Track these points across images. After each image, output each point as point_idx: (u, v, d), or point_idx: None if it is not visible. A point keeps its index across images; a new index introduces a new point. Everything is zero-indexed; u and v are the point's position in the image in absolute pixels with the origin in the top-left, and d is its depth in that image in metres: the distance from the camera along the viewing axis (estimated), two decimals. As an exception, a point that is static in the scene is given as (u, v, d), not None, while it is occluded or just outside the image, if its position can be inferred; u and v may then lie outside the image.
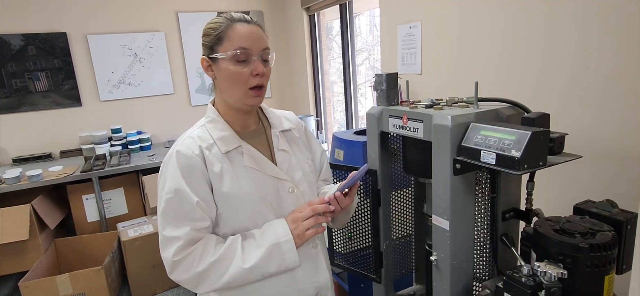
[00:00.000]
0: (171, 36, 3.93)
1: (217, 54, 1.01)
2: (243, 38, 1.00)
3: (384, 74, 1.31)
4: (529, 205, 1.19)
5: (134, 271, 2.83)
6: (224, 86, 1.04)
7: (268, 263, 1.02)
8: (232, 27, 1.00)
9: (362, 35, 4.28)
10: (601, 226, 1.00)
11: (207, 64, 1.04)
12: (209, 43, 1.02)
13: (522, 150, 0.90)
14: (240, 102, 1.05)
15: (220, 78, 1.04)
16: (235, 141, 1.06)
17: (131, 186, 3.32)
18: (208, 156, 1.02)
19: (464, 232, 1.15)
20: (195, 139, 1.03)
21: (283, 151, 1.14)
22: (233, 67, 1.00)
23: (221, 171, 1.02)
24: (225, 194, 1.02)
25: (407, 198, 1.58)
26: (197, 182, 1.00)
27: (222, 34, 1.00)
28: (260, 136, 1.14)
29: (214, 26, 1.02)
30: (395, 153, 1.50)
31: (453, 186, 1.09)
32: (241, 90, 1.02)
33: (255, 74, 1.01)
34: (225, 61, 1.00)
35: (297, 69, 4.33)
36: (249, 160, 1.05)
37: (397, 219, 1.57)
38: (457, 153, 1.06)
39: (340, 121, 4.29)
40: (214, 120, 1.07)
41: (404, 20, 2.43)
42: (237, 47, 0.99)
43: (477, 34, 1.90)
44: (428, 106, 1.22)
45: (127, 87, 3.82)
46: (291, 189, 1.10)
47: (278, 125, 1.18)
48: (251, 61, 1.01)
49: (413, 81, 2.37)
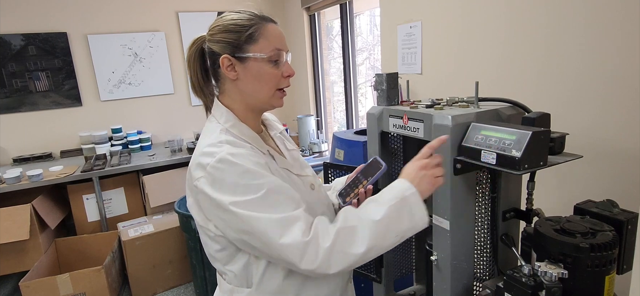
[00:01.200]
0: (171, 36, 3.93)
1: (250, 53, 0.95)
2: (278, 38, 0.97)
3: (384, 74, 1.31)
4: (529, 205, 1.19)
5: (134, 271, 2.83)
6: (251, 87, 0.98)
7: (399, 219, 0.91)
8: (266, 27, 0.96)
9: (362, 35, 4.28)
10: (602, 226, 1.00)
11: (229, 63, 0.96)
12: (235, 41, 0.94)
13: (522, 150, 0.90)
14: (266, 103, 1.01)
15: (248, 78, 0.97)
16: (264, 144, 1.02)
17: (131, 186, 3.33)
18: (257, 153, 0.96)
19: (464, 232, 1.15)
20: (233, 142, 0.94)
21: (291, 150, 1.13)
22: (268, 68, 0.96)
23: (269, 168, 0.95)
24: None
25: None
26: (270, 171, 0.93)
27: (255, 33, 0.95)
28: (268, 139, 1.12)
29: (243, 23, 0.95)
30: (395, 153, 1.50)
31: (453, 186, 1.09)
32: (271, 91, 0.99)
33: (286, 76, 1.00)
34: (258, 61, 0.95)
35: (297, 68, 4.33)
36: (281, 161, 1.03)
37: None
38: (458, 152, 1.06)
39: (340, 120, 4.29)
40: (236, 125, 0.99)
41: (404, 20, 2.43)
42: (274, 48, 0.96)
43: (477, 33, 1.90)
44: (428, 105, 1.22)
45: (128, 87, 3.82)
46: (312, 185, 1.09)
47: (274, 127, 1.17)
48: (282, 62, 0.98)
49: (413, 80, 2.37)
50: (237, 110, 1.01)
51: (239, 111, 1.01)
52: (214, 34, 0.98)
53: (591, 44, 1.40)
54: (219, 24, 0.98)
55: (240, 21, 0.96)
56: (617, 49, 1.33)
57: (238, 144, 0.93)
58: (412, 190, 0.94)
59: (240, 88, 0.99)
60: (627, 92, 1.31)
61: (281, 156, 1.06)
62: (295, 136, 4.08)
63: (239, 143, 0.94)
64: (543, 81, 1.60)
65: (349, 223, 0.90)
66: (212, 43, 0.98)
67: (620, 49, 1.32)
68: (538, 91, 1.62)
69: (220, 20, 1.00)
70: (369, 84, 2.96)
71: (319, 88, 4.08)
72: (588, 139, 1.43)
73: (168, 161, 3.28)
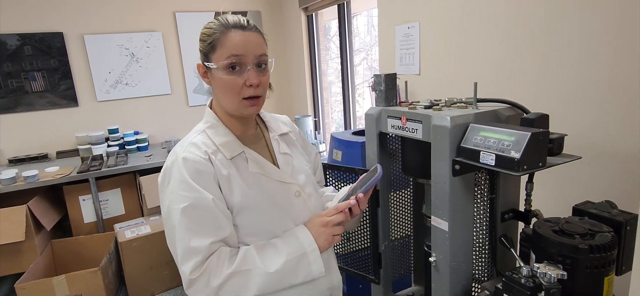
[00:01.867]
0: (168, 36, 3.91)
1: (210, 63, 0.98)
2: (236, 46, 0.95)
3: (383, 75, 1.31)
4: (528, 206, 1.19)
5: (131, 273, 2.81)
6: (220, 95, 1.02)
7: (295, 273, 0.98)
8: (226, 35, 0.96)
9: (360, 36, 4.28)
10: (600, 227, 1.00)
11: (203, 71, 1.02)
12: (204, 50, 0.99)
13: (521, 151, 0.89)
14: (235, 111, 1.02)
15: (216, 86, 1.01)
16: (239, 147, 1.03)
17: (128, 187, 3.31)
18: (215, 161, 0.98)
19: (463, 233, 1.15)
20: (199, 144, 0.99)
21: (285, 154, 1.12)
22: (226, 77, 0.96)
23: (229, 177, 0.98)
24: (237, 203, 0.99)
25: (406, 199, 1.58)
26: (211, 186, 0.95)
27: (215, 42, 0.96)
28: (259, 140, 1.12)
29: (208, 32, 0.98)
30: (393, 154, 1.50)
31: (452, 187, 1.08)
32: (235, 100, 0.99)
33: (248, 85, 0.97)
34: (218, 70, 0.97)
35: (294, 69, 4.32)
36: (254, 166, 1.03)
37: (395, 220, 1.57)
38: (456, 153, 1.06)
39: (338, 121, 4.29)
40: (214, 125, 1.04)
41: (402, 20, 2.43)
42: (228, 56, 0.95)
43: (475, 34, 1.90)
44: (427, 106, 1.22)
45: (124, 87, 3.80)
46: (297, 193, 1.08)
47: (276, 129, 1.17)
48: (245, 70, 0.97)
49: (411, 81, 2.37)
50: (220, 113, 1.06)
51: (221, 114, 1.06)
52: (198, 43, 1.03)
53: (589, 45, 1.40)
54: (201, 31, 1.02)
55: (207, 30, 1.00)
56: (615, 50, 1.33)
57: (201, 147, 0.98)
58: (314, 247, 1.00)
59: (215, 94, 1.04)
60: (626, 93, 1.31)
61: (259, 162, 1.04)
62: (293, 136, 4.08)
63: (205, 145, 0.99)
64: (541, 82, 1.60)
65: (244, 266, 0.95)
66: (199, 51, 1.03)
67: (618, 50, 1.32)
68: (537, 91, 1.62)
69: (204, 26, 1.03)
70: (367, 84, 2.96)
71: (317, 89, 4.08)
72: (587, 140, 1.43)
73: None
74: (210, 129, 1.04)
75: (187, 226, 0.92)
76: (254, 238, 1.02)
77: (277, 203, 1.04)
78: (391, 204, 1.53)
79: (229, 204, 0.99)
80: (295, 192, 1.08)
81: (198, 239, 0.92)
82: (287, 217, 1.05)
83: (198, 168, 0.95)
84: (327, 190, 1.30)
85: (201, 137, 1.02)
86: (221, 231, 0.95)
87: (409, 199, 1.57)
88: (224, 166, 0.99)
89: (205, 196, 0.93)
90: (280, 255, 0.98)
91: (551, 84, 1.56)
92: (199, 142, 1.00)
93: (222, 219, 0.96)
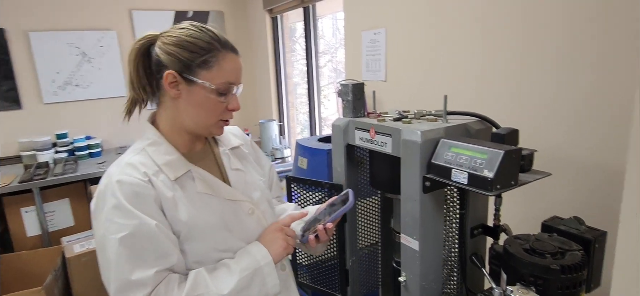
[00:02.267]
0: (124, 35, 3.69)
1: (199, 79, 0.87)
2: (234, 72, 0.91)
3: (350, 84, 1.25)
4: (497, 221, 1.16)
5: (80, 291, 2.60)
6: (192, 112, 0.91)
7: (249, 289, 0.91)
8: (224, 56, 0.89)
9: (325, 38, 4.24)
10: (570, 245, 0.98)
11: (174, 80, 0.88)
12: (187, 60, 0.87)
13: (495, 170, 0.86)
14: (205, 130, 0.95)
15: (190, 102, 0.90)
16: (184, 166, 0.93)
17: (78, 197, 3.07)
18: (156, 183, 0.87)
19: (433, 251, 1.10)
20: (136, 165, 0.88)
21: (236, 170, 1.04)
22: (214, 98, 0.89)
23: (174, 199, 0.88)
24: (184, 227, 0.89)
25: (374, 207, 1.52)
26: (152, 210, 0.85)
27: (211, 59, 0.88)
28: (207, 156, 1.03)
29: (202, 45, 0.88)
30: (361, 161, 1.44)
31: (423, 205, 1.04)
32: (212, 121, 0.92)
33: (231, 109, 0.93)
34: (206, 89, 0.88)
35: (259, 72, 4.21)
36: (202, 185, 0.94)
37: (363, 230, 1.51)
38: (427, 170, 1.02)
39: (303, 122, 4.22)
40: (156, 142, 0.93)
41: (368, 26, 2.39)
42: (226, 81, 0.89)
43: (442, 43, 1.89)
44: (396, 119, 1.17)
45: (75, 88, 3.54)
46: (251, 211, 1.00)
47: (226, 142, 1.08)
48: (230, 95, 0.92)
49: (378, 88, 2.33)
50: (165, 127, 0.95)
51: (166, 129, 0.95)
52: (167, 44, 0.89)
53: (559, 59, 1.41)
54: (175, 35, 0.89)
55: (198, 42, 0.88)
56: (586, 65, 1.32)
57: (139, 168, 0.87)
58: (268, 259, 0.94)
59: (179, 108, 0.92)
60: (596, 109, 1.31)
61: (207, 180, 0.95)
62: (258, 141, 3.96)
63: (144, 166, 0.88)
64: (509, 94, 1.60)
65: (195, 292, 0.87)
66: (162, 52, 0.89)
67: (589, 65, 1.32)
68: (504, 103, 1.61)
69: (178, 30, 0.90)
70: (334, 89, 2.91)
71: (282, 92, 3.99)
72: (553, 154, 1.44)
73: (120, 169, 3.06)
74: (151, 147, 0.93)
75: (128, 258, 0.81)
76: (203, 264, 0.92)
77: (228, 224, 0.95)
78: (358, 213, 1.47)
79: (174, 230, 0.89)
80: (249, 210, 1.00)
81: (141, 271, 0.81)
82: (239, 238, 0.97)
83: (136, 191, 0.84)
84: (288, 207, 1.22)
85: (140, 157, 0.91)
86: (167, 259, 0.85)
87: (377, 207, 1.52)
88: (168, 187, 0.89)
89: (148, 222, 0.83)
90: (233, 274, 0.90)
91: (519, 96, 1.56)
92: (137, 162, 0.89)
93: (167, 246, 0.86)
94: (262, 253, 0.95)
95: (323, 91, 3.78)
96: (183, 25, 0.91)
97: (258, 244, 0.98)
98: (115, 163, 0.91)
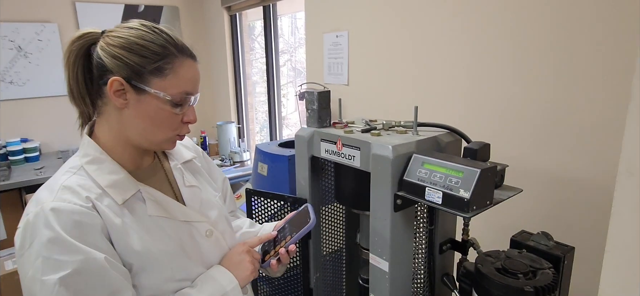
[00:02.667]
0: (66, 29, 3.39)
1: (151, 88, 0.75)
2: (191, 81, 0.80)
3: (316, 93, 1.17)
4: (465, 236, 1.13)
5: (13, 312, 2.34)
6: (141, 125, 0.79)
7: None
8: (181, 62, 0.78)
9: (284, 36, 4.15)
10: (541, 263, 0.96)
11: (120, 88, 0.75)
12: (137, 66, 0.75)
13: (471, 190, 0.81)
14: (156, 145, 0.83)
15: (139, 113, 0.78)
16: (132, 186, 0.81)
17: (12, 207, 2.78)
18: (101, 209, 0.75)
19: (403, 271, 1.05)
20: (75, 188, 0.74)
21: (191, 187, 0.92)
22: (168, 109, 0.78)
23: (123, 226, 0.77)
24: (136, 257, 0.77)
25: (338, 214, 1.44)
26: (99, 241, 0.73)
27: (166, 66, 0.76)
28: (157, 172, 0.90)
29: (153, 48, 0.76)
30: (324, 167, 1.36)
31: (393, 224, 0.98)
32: (165, 135, 0.81)
33: (186, 121, 0.83)
34: (159, 100, 0.76)
35: (216, 72, 4.03)
36: (153, 207, 0.82)
37: (327, 235, 1.43)
38: (398, 187, 0.96)
39: (262, 122, 4.10)
40: (98, 159, 0.80)
41: (330, 28, 2.33)
42: (182, 91, 0.78)
43: (406, 48, 1.86)
44: (364, 130, 1.11)
45: (9, 86, 3.21)
46: (209, 232, 0.90)
47: (177, 156, 0.96)
48: (186, 106, 0.81)
49: (340, 91, 2.28)
50: (107, 142, 0.82)
51: (109, 143, 0.82)
52: (112, 45, 0.76)
53: (522, 69, 1.40)
54: (123, 36, 0.76)
55: (151, 45, 0.76)
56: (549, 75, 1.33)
57: (79, 192, 0.74)
58: (234, 284, 0.87)
59: (125, 119, 0.79)
60: (561, 122, 1.31)
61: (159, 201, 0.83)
62: (215, 143, 3.78)
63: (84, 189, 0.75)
64: (471, 101, 1.58)
65: None
66: (106, 54, 0.76)
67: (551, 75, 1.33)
68: (465, 111, 1.60)
69: (126, 31, 0.77)
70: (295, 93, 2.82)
71: (241, 93, 3.84)
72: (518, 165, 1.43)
73: (60, 176, 2.80)
74: (91, 165, 0.79)
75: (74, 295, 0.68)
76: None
77: (185, 248, 0.84)
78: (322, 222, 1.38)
79: (125, 261, 0.77)
80: (206, 232, 0.89)
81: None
82: (198, 264, 0.87)
83: (77, 220, 0.71)
84: (243, 224, 1.12)
85: (78, 178, 0.77)
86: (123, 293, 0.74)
87: (341, 215, 1.45)
88: (115, 213, 0.76)
89: (95, 257, 0.70)
90: None
91: (479, 102, 1.55)
92: (75, 185, 0.75)
93: (119, 282, 0.73)
94: (228, 278, 0.86)
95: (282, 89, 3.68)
96: (132, 25, 0.78)
97: (221, 268, 0.88)
98: (45, 187, 0.77)
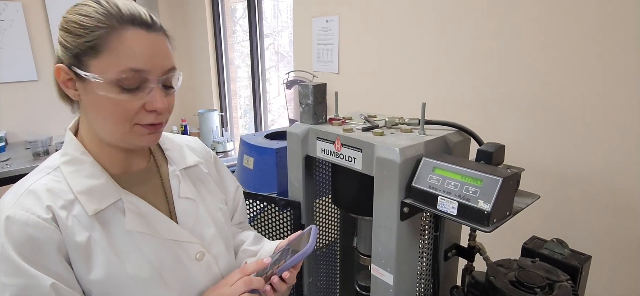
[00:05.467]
0: (32, 8, 3.15)
1: (88, 72, 0.63)
2: (140, 55, 0.64)
3: (311, 86, 1.06)
4: (471, 241, 1.05)
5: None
6: (94, 118, 0.68)
7: None
8: (119, 33, 0.63)
9: (267, 19, 3.99)
10: (557, 275, 0.89)
11: (67, 77, 0.66)
12: (74, 48, 0.64)
13: (492, 202, 0.72)
14: (120, 140, 0.69)
15: (90, 104, 0.67)
16: (112, 193, 0.69)
17: (-25, 201, 2.58)
18: (64, 221, 0.64)
19: (408, 283, 0.96)
20: (39, 193, 0.64)
21: (187, 199, 0.80)
22: (114, 96, 0.64)
23: (88, 243, 0.65)
24: (97, 282, 0.65)
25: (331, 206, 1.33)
26: (52, 262, 0.62)
27: (98, 41, 0.62)
28: (151, 178, 0.78)
29: (85, 22, 0.63)
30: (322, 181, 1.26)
31: (399, 234, 0.88)
32: (123, 128, 0.67)
33: (150, 110, 0.67)
34: (102, 84, 0.63)
35: (197, 58, 3.84)
36: (133, 220, 0.70)
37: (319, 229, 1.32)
38: (406, 194, 0.86)
39: (244, 107, 3.95)
40: (77, 160, 0.69)
41: (320, 13, 2.20)
42: (125, 67, 0.63)
43: (398, 33, 1.75)
44: (365, 128, 1.00)
45: (-31, 70, 2.97)
46: (199, 255, 0.77)
47: (179, 160, 0.83)
48: (146, 89, 0.66)
49: (330, 80, 2.17)
50: (90, 140, 0.72)
51: (91, 142, 0.72)
52: (60, 29, 0.66)
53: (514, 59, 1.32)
54: (67, 15, 0.65)
55: (82, 17, 0.63)
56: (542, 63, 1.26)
57: (42, 198, 0.64)
58: None
59: (87, 113, 0.69)
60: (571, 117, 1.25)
61: (142, 213, 0.71)
62: (197, 132, 3.62)
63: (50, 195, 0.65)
64: (466, 91, 1.50)
65: None
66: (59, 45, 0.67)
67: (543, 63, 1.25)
68: (459, 101, 1.52)
69: (72, 8, 0.66)
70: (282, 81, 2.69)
71: (224, 79, 3.67)
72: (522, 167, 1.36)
73: (29, 168, 2.59)
74: (68, 167, 0.69)
75: None
76: None
77: (164, 274, 0.71)
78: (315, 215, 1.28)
79: (84, 288, 0.65)
80: (197, 254, 0.77)
81: None
82: (178, 294, 0.74)
83: (30, 235, 0.61)
84: (247, 237, 0.97)
85: (50, 179, 0.67)
86: None
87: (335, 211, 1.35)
88: (83, 226, 0.65)
89: (39, 283, 0.59)
90: None
91: (476, 90, 1.46)
92: (41, 189, 0.65)
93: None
94: None
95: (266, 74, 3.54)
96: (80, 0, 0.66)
97: None
98: (14, 187, 0.67)
